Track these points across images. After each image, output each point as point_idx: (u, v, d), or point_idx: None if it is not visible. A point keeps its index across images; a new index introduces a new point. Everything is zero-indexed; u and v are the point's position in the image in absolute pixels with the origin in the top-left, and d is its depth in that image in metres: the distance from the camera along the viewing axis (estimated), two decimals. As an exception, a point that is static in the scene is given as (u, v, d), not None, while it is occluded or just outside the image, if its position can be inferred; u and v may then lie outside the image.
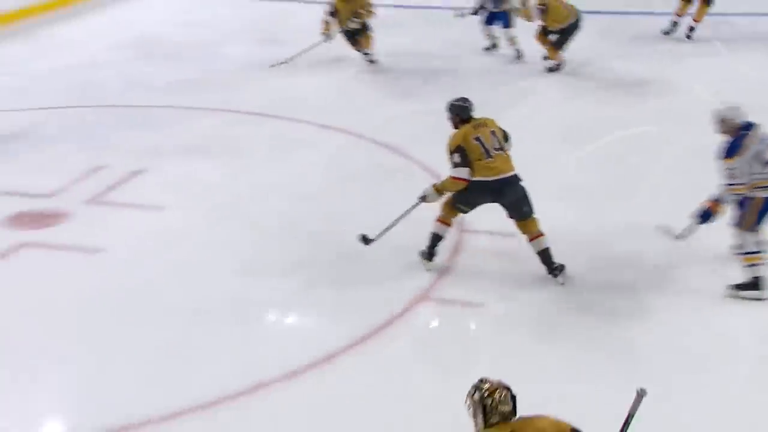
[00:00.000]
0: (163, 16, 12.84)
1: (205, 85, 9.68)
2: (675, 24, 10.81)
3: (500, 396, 2.96)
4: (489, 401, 2.94)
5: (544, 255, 5.34)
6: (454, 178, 5.29)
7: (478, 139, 5.25)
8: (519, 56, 10.26)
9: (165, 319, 5.27)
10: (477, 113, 5.65)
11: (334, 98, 9.30)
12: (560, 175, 7.30)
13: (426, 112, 8.96)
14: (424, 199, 5.49)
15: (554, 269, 5.35)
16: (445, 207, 5.46)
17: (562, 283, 5.36)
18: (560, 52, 9.71)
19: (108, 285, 5.66)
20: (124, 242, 6.20)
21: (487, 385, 2.99)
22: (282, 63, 9.99)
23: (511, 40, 10.31)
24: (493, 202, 5.36)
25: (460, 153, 5.23)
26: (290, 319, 5.46)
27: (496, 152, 5.25)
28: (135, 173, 7.30)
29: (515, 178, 5.32)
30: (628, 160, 7.67)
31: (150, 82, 9.79)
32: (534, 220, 5.33)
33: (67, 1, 12.97)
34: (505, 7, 10.40)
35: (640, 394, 3.31)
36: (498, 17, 10.55)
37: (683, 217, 5.73)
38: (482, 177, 5.21)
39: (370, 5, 9.83)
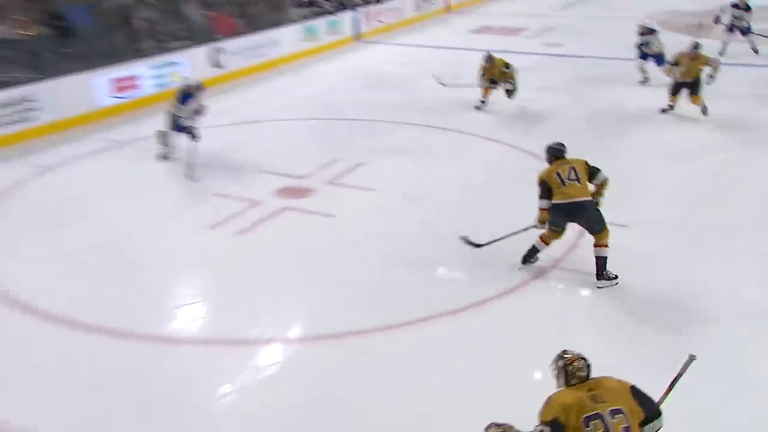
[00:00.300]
0: (383, 59, 13.02)
1: (407, 106, 9.73)
2: None
3: (578, 364, 2.85)
4: (570, 368, 2.85)
5: (599, 261, 4.86)
6: (539, 208, 4.99)
7: (558, 173, 4.86)
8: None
9: (371, 263, 5.40)
10: (606, 137, 5.36)
11: (494, 120, 9.09)
12: (670, 184, 6.93)
13: (567, 132, 8.68)
14: (536, 226, 5.10)
15: (601, 275, 4.87)
16: (549, 229, 5.03)
17: (599, 288, 4.87)
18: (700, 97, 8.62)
19: (336, 238, 5.85)
20: (349, 211, 6.36)
21: (568, 355, 2.90)
22: (442, 83, 9.69)
23: (667, 72, 9.32)
24: (571, 221, 4.94)
25: (542, 186, 4.91)
26: (455, 273, 5.36)
27: (570, 182, 4.81)
28: (358, 165, 7.44)
29: (588, 203, 4.84)
30: (723, 176, 7.14)
31: (371, 103, 9.93)
32: (605, 233, 4.84)
33: (323, 48, 13.38)
34: (654, 50, 10.15)
35: (691, 359, 3.07)
36: (650, 56, 10.22)
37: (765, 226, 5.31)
38: (558, 200, 4.83)
39: (513, 74, 9.18)
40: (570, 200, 4.81)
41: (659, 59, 10.16)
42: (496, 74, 9.20)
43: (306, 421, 3.77)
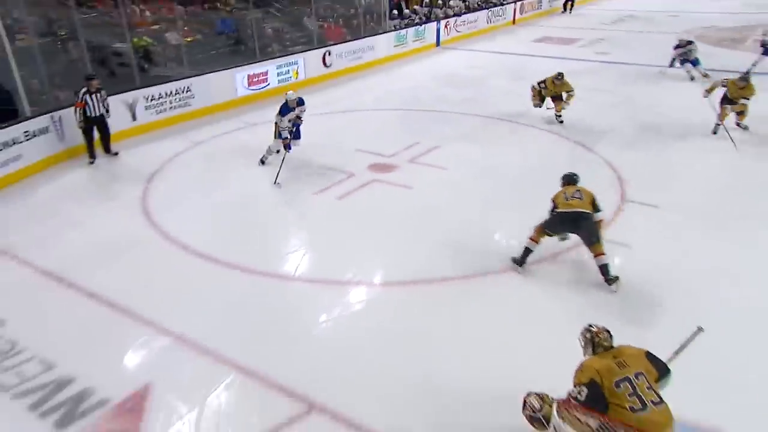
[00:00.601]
0: (458, 62, 12.64)
1: (477, 101, 9.41)
2: None
3: (603, 336, 2.75)
4: (597, 339, 2.75)
5: (603, 269, 4.33)
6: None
7: (564, 193, 4.48)
8: (709, 85, 7.80)
9: (441, 226, 5.32)
10: (644, 130, 4.97)
11: (549, 114, 8.54)
12: (700, 174, 6.42)
13: (611, 125, 8.18)
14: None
15: (609, 279, 4.32)
16: (537, 229, 4.52)
17: (615, 291, 4.27)
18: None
19: (414, 205, 5.79)
20: (425, 184, 6.27)
21: (594, 328, 2.80)
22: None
23: (703, 74, 9.01)
24: (571, 231, 4.47)
25: (552, 203, 4.51)
26: (511, 239, 5.05)
27: (573, 198, 4.40)
28: (434, 148, 7.30)
29: (588, 215, 4.34)
30: (748, 170, 6.52)
31: (447, 98, 9.68)
32: (599, 245, 4.34)
33: (410, 53, 13.14)
34: (691, 57, 10.12)
35: (698, 330, 2.81)
36: (688, 61, 10.20)
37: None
38: (562, 209, 4.40)
39: (571, 90, 8.14)
40: (572, 209, 4.37)
41: (694, 62, 10.23)
42: (559, 91, 8.25)
43: (382, 349, 3.78)
